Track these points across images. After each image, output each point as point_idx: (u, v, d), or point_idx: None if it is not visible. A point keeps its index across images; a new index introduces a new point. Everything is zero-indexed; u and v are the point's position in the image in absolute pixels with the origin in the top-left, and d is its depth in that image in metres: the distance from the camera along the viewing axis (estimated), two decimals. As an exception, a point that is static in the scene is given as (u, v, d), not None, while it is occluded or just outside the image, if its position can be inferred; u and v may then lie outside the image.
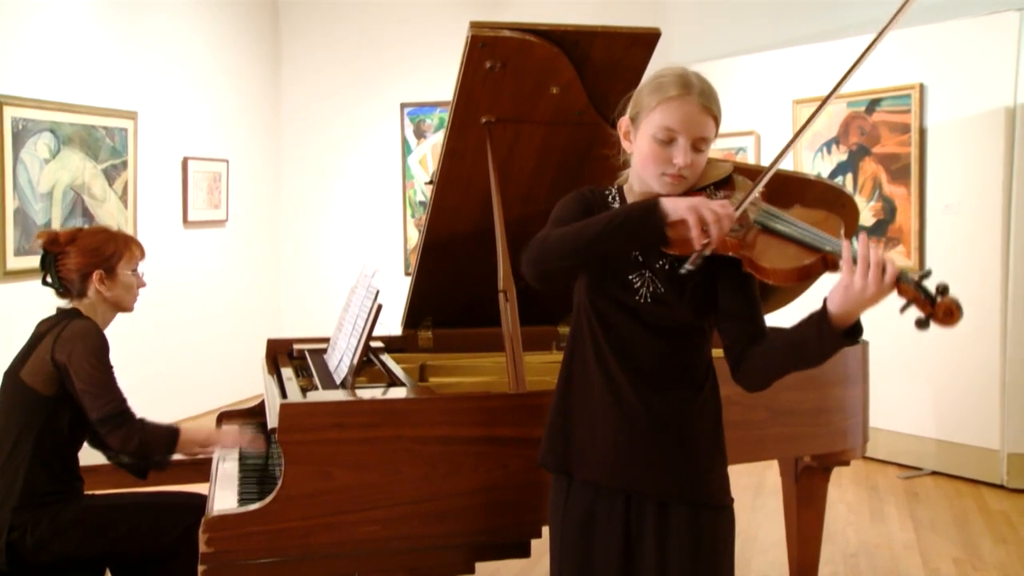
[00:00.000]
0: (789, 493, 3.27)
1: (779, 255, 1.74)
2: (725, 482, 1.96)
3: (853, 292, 1.62)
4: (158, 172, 6.08)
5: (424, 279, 3.14)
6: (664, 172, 1.85)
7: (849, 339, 1.68)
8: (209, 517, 2.10)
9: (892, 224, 5.38)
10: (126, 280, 2.77)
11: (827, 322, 1.66)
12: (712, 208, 1.70)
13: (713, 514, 1.91)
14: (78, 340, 2.60)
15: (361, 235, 7.50)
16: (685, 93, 1.83)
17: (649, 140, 1.85)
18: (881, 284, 1.59)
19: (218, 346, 6.64)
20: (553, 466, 2.01)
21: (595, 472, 1.93)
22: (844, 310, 1.64)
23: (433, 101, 7.19)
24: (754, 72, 6.04)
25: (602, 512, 1.92)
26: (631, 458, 1.89)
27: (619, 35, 2.55)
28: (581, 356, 1.98)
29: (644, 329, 1.89)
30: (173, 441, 2.70)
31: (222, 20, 6.85)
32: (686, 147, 1.83)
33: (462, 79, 2.56)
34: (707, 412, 1.95)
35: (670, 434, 1.89)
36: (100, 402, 2.57)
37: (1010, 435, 4.93)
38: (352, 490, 2.16)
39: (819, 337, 1.68)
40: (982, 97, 5.00)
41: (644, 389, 1.89)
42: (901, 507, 4.71)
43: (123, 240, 2.80)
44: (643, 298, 1.88)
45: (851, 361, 2.99)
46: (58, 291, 2.76)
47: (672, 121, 1.83)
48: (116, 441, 2.60)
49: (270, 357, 3.28)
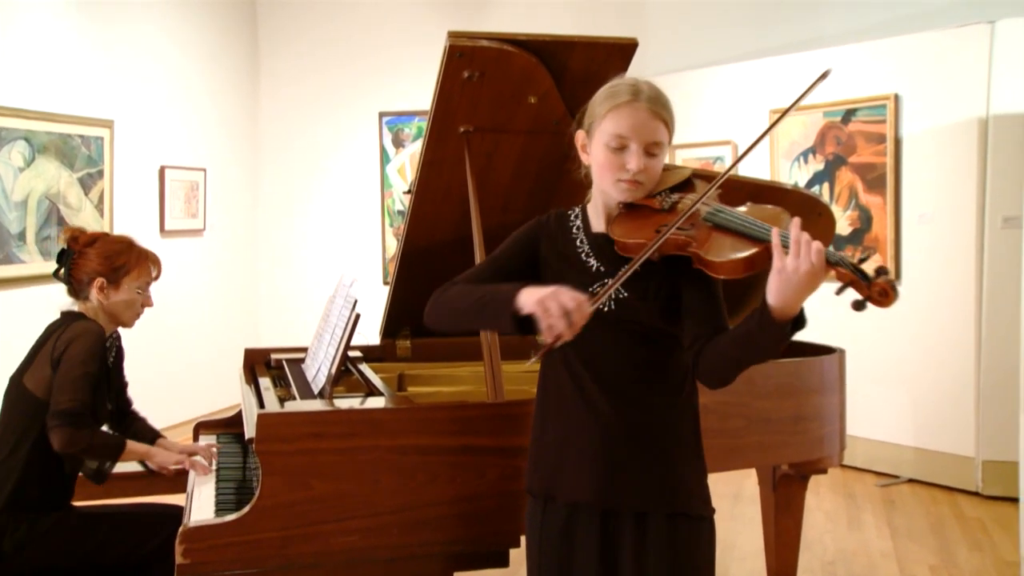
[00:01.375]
0: (767, 501, 3.29)
1: (725, 248, 1.74)
2: (705, 492, 1.95)
3: (786, 275, 1.61)
4: (135, 181, 6.04)
5: (402, 288, 3.13)
6: (619, 179, 1.86)
7: (792, 330, 1.66)
8: (186, 528, 2.09)
9: (868, 233, 5.42)
10: (128, 296, 2.76)
11: (767, 312, 1.64)
12: (562, 301, 1.67)
13: (692, 525, 1.90)
14: (77, 337, 2.61)
15: (339, 244, 7.48)
16: (633, 99, 1.85)
17: (602, 149, 1.87)
18: (810, 261, 1.58)
19: (195, 356, 6.59)
20: (536, 492, 1.99)
21: (572, 492, 1.91)
22: (782, 297, 1.62)
23: (411, 110, 7.19)
24: (731, 82, 6.08)
25: (579, 528, 1.91)
26: (607, 472, 1.88)
27: (597, 45, 2.56)
28: (554, 372, 1.98)
29: (613, 338, 1.89)
30: (117, 454, 2.66)
31: (200, 28, 6.83)
32: (639, 152, 1.84)
33: (440, 88, 2.56)
34: (685, 420, 1.94)
35: (646, 444, 1.88)
36: (63, 396, 2.53)
37: (985, 443, 4.97)
38: (330, 500, 2.15)
39: (760, 327, 1.66)
40: (955, 107, 5.05)
41: (617, 400, 1.88)
42: (878, 515, 4.74)
43: (138, 256, 2.78)
44: (606, 306, 1.87)
45: (828, 369, 3.00)
46: (67, 288, 2.77)
47: (622, 127, 1.84)
48: (59, 439, 2.51)
49: (248, 367, 3.27)
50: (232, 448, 2.97)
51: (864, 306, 1.62)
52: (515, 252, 2.04)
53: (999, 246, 4.86)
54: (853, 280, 1.61)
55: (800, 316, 1.66)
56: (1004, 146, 4.84)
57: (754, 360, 1.78)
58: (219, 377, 6.39)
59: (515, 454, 2.26)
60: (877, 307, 1.61)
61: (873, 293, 1.59)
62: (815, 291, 1.62)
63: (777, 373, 2.87)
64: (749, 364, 1.79)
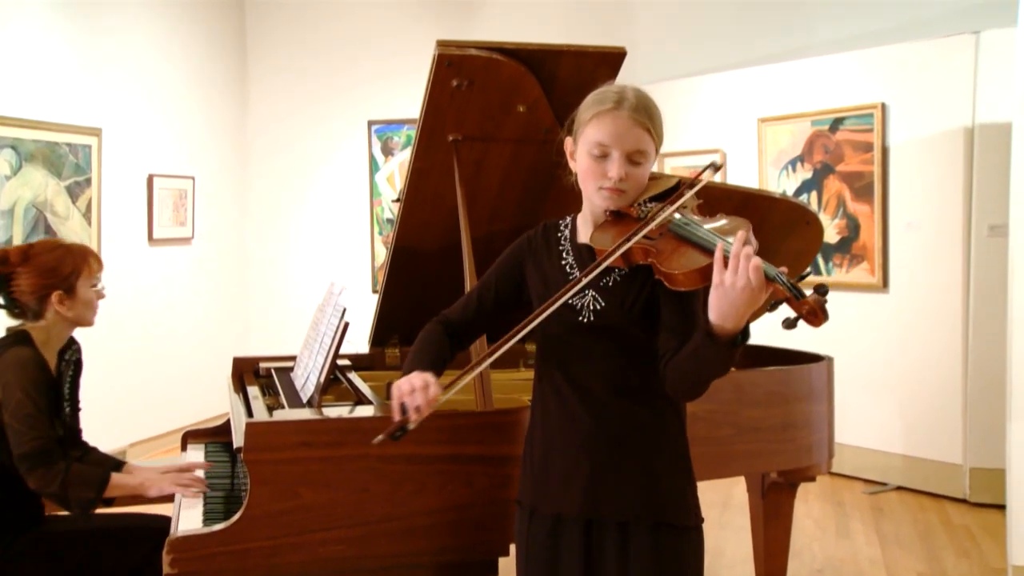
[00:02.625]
0: (756, 509, 3.29)
1: (683, 259, 1.74)
2: (691, 501, 1.93)
3: (723, 290, 1.58)
4: (123, 189, 6.03)
5: (391, 297, 3.13)
6: (601, 186, 1.86)
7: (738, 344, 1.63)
8: (173, 538, 2.08)
9: (856, 241, 5.44)
10: (86, 297, 2.63)
11: (708, 327, 1.62)
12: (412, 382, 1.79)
13: (677, 535, 1.88)
14: (11, 370, 2.46)
15: (328, 253, 7.47)
16: (616, 107, 1.84)
17: (586, 156, 1.87)
18: (747, 277, 1.54)
19: (184, 364, 6.57)
20: (523, 502, 2.00)
21: (555, 504, 1.92)
22: (720, 312, 1.59)
23: (400, 119, 7.19)
24: (719, 90, 6.10)
25: (563, 538, 1.91)
26: (589, 483, 1.88)
27: (585, 54, 2.57)
28: (540, 385, 1.99)
29: (594, 349, 1.89)
30: (102, 486, 2.49)
31: (188, 37, 6.82)
32: (620, 160, 1.83)
33: (429, 97, 2.56)
34: (669, 429, 1.93)
35: (628, 454, 1.88)
36: (24, 438, 2.41)
37: (972, 450, 4.99)
38: (318, 509, 2.15)
39: (704, 343, 1.64)
40: (942, 117, 5.08)
41: (598, 410, 1.88)
42: (867, 522, 4.75)
43: (80, 254, 2.64)
44: (585, 317, 1.88)
45: (816, 377, 3.01)
46: (11, 312, 2.62)
47: (604, 135, 1.84)
48: (34, 481, 2.42)
49: (236, 375, 3.26)
50: (220, 457, 2.95)
51: (795, 324, 1.59)
52: (500, 276, 2.07)
53: (985, 254, 4.89)
54: (787, 297, 1.59)
55: (744, 331, 1.64)
56: (990, 155, 4.87)
57: (708, 374, 1.73)
58: (207, 386, 6.36)
59: (504, 463, 2.26)
60: (808, 326, 1.58)
61: (803, 311, 1.56)
62: (755, 308, 1.58)
63: (766, 381, 2.88)
64: (706, 378, 1.75)
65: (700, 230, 1.78)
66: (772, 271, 1.59)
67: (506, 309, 2.07)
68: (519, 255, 2.05)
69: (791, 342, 3.28)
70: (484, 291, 2.09)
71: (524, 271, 2.03)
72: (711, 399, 2.67)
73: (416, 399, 1.76)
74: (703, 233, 1.76)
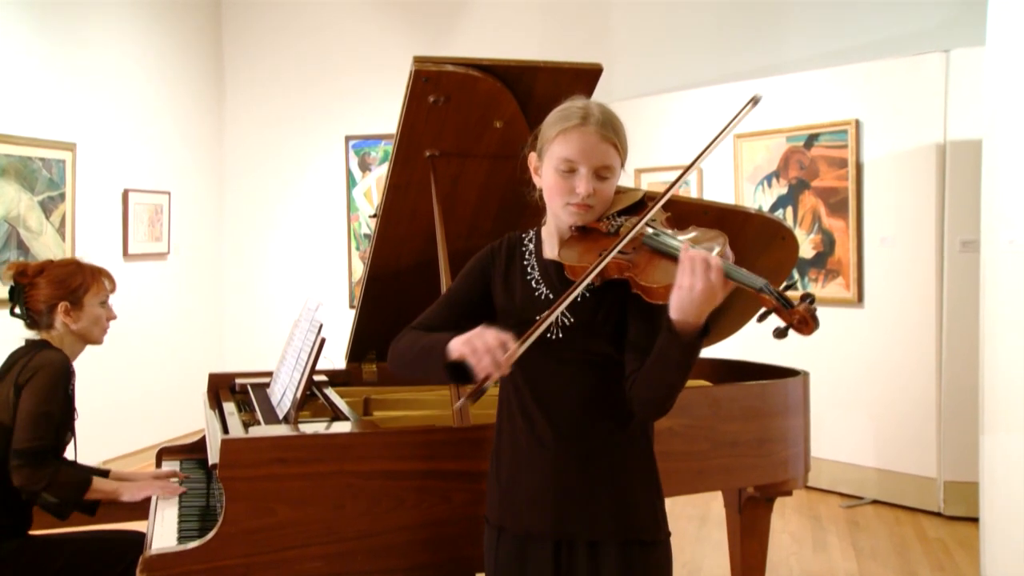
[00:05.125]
0: (733, 524, 3.30)
1: (660, 273, 1.74)
2: (658, 515, 1.93)
3: (683, 291, 1.60)
4: (98, 204, 5.99)
5: (368, 312, 3.12)
6: (569, 202, 1.86)
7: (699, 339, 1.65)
8: (147, 555, 2.06)
9: (832, 256, 5.48)
10: (93, 312, 2.77)
11: (670, 326, 1.64)
12: (487, 340, 1.68)
13: (646, 550, 1.88)
14: (42, 368, 2.59)
15: (305, 268, 7.45)
16: (582, 124, 1.84)
17: (552, 172, 1.87)
18: (706, 279, 1.58)
19: (159, 380, 6.52)
20: (492, 519, 1.99)
21: (522, 523, 1.91)
22: (681, 312, 1.62)
23: (378, 134, 7.19)
24: (695, 107, 6.14)
25: (532, 557, 1.89)
26: (557, 502, 1.87)
27: (562, 70, 2.58)
28: (506, 402, 1.98)
29: (562, 366, 1.88)
30: (82, 491, 2.60)
31: (164, 50, 6.80)
32: (587, 176, 1.83)
33: (405, 113, 2.56)
34: (635, 446, 1.92)
35: (595, 472, 1.87)
36: (25, 435, 2.52)
37: (946, 463, 5.03)
38: (294, 526, 2.13)
39: (668, 342, 1.66)
40: (914, 133, 5.14)
41: (564, 428, 1.87)
42: (843, 536, 4.77)
43: (91, 272, 2.79)
44: (554, 334, 1.86)
45: (792, 392, 3.03)
46: (27, 323, 2.75)
47: (570, 151, 1.84)
48: (21, 479, 2.51)
49: (212, 391, 3.23)
50: (196, 474, 2.93)
51: (785, 333, 1.62)
52: (467, 286, 2.04)
53: (958, 269, 4.94)
54: (776, 307, 1.61)
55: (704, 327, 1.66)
56: (961, 171, 4.93)
57: (673, 378, 1.73)
58: (183, 402, 6.32)
59: (481, 479, 2.25)
60: (799, 335, 1.61)
61: (793, 320, 1.59)
62: (714, 305, 1.61)
63: (742, 396, 2.89)
64: (671, 382, 1.74)
65: (674, 241, 1.78)
66: (759, 282, 1.62)
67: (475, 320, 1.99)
68: (484, 267, 2.03)
69: (767, 357, 3.31)
70: (453, 302, 2.06)
71: (490, 283, 2.01)
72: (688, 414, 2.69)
73: (497, 356, 1.67)
74: (677, 244, 1.76)
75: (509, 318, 1.91)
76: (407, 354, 1.96)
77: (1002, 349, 3.76)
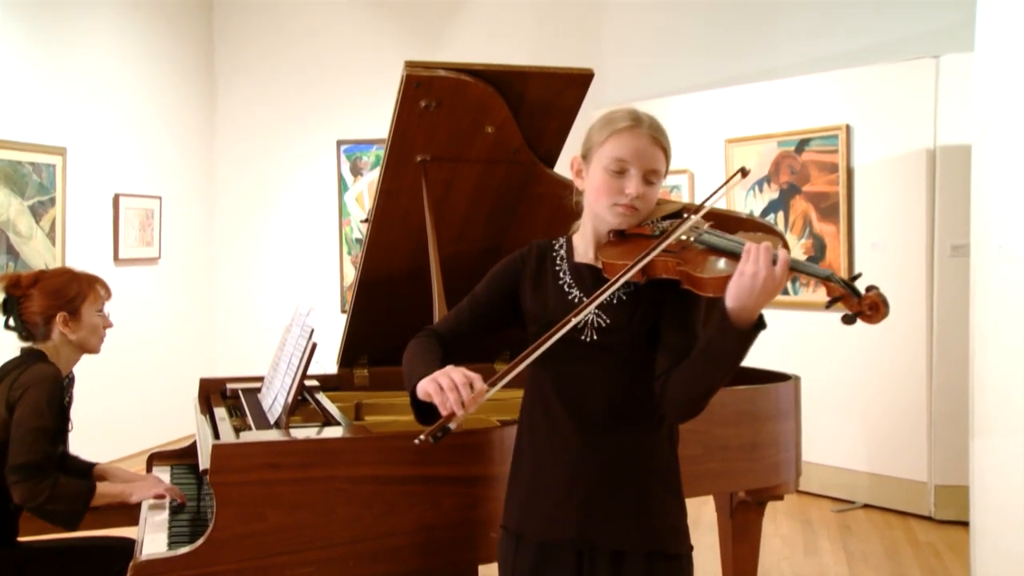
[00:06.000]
0: (724, 528, 3.30)
1: (715, 265, 1.74)
2: (684, 528, 1.90)
3: (744, 280, 1.61)
4: (88, 209, 5.97)
5: (360, 317, 3.12)
6: (616, 203, 1.85)
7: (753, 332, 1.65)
8: (138, 562, 2.05)
9: (823, 261, 5.49)
10: (91, 321, 2.73)
11: (726, 317, 1.63)
12: (453, 378, 1.67)
13: (670, 563, 1.85)
14: (33, 384, 2.54)
15: (297, 272, 7.43)
16: (635, 126, 1.86)
17: (601, 172, 1.86)
18: (768, 267, 1.60)
19: (150, 386, 6.50)
20: (510, 528, 1.95)
21: (544, 531, 1.87)
22: (739, 301, 1.62)
23: (369, 139, 7.19)
24: (687, 112, 6.16)
25: (552, 566, 1.85)
26: (581, 509, 1.83)
27: (553, 76, 2.59)
28: (529, 404, 1.95)
29: (596, 369, 1.85)
30: (88, 497, 2.54)
31: (155, 55, 6.79)
32: (638, 178, 1.84)
33: (397, 118, 2.56)
34: (662, 453, 1.89)
35: (622, 479, 1.84)
36: (21, 449, 2.46)
37: (937, 468, 5.04)
38: (286, 531, 2.13)
39: (721, 332, 1.65)
40: (905, 139, 5.16)
41: (591, 432, 1.84)
42: (834, 540, 4.77)
43: (87, 281, 2.74)
44: (588, 336, 1.84)
45: (784, 396, 3.03)
46: (21, 335, 2.70)
47: (623, 152, 1.84)
48: (21, 493, 2.45)
49: (203, 396, 3.23)
50: (187, 479, 2.92)
51: (854, 320, 1.66)
52: (493, 290, 2.01)
53: (948, 274, 4.96)
54: (843, 295, 1.65)
55: (759, 320, 1.65)
56: (951, 176, 4.95)
57: (718, 372, 1.71)
58: (174, 407, 6.29)
59: (472, 483, 2.25)
60: (867, 323, 1.66)
61: (863, 307, 1.64)
62: (772, 299, 1.62)
63: (734, 400, 2.89)
64: (714, 380, 1.72)
65: (726, 238, 1.79)
66: (824, 272, 1.66)
67: (498, 326, 2.02)
68: (513, 272, 2.00)
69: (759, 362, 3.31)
70: (476, 306, 2.02)
71: (519, 288, 1.98)
72: (679, 418, 2.69)
73: (462, 395, 1.66)
74: (730, 239, 1.77)
75: (540, 322, 1.89)
76: (405, 366, 1.91)
77: (992, 353, 3.77)
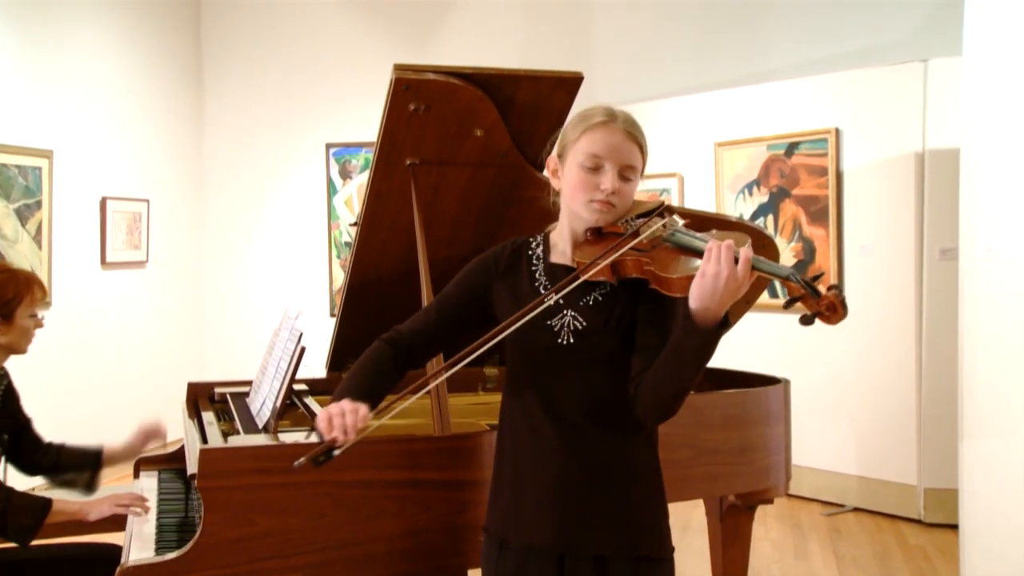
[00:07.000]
0: (714, 532, 3.29)
1: (681, 265, 1.73)
2: (666, 532, 1.89)
3: (706, 280, 1.59)
4: (75, 212, 5.94)
5: (349, 320, 3.11)
6: (592, 199, 1.83)
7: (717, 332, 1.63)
8: (124, 567, 2.03)
9: (812, 264, 5.50)
10: (23, 325, 2.57)
11: (689, 317, 1.62)
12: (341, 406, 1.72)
13: (653, 567, 1.84)
14: None
15: (286, 276, 7.41)
16: (609, 121, 1.85)
17: (576, 169, 1.84)
18: (730, 267, 1.58)
19: (137, 390, 6.46)
20: (493, 532, 1.93)
21: (526, 535, 1.85)
22: (700, 301, 1.60)
23: (358, 142, 7.18)
24: (677, 115, 6.16)
25: (534, 571, 1.84)
26: (563, 514, 1.82)
27: (542, 79, 2.58)
28: (509, 407, 1.93)
29: (572, 373, 1.83)
30: (43, 514, 2.43)
31: (142, 57, 6.77)
32: (613, 173, 1.82)
33: (386, 121, 2.56)
34: (644, 457, 1.88)
35: (606, 484, 1.82)
36: None
37: (927, 471, 5.05)
38: (274, 536, 2.11)
39: (685, 332, 1.63)
40: (893, 142, 5.18)
41: (572, 436, 1.82)
42: (824, 543, 4.78)
43: (24, 282, 2.59)
44: (564, 339, 1.83)
45: (773, 400, 3.03)
46: None
47: (597, 148, 1.83)
48: None
49: (191, 401, 3.22)
50: (174, 484, 2.91)
51: (812, 321, 1.64)
52: (461, 291, 2.00)
53: (937, 277, 4.97)
54: (803, 295, 1.62)
55: (724, 319, 1.63)
56: (940, 180, 4.96)
57: (686, 372, 1.68)
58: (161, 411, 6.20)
59: (462, 487, 2.25)
60: (826, 324, 1.63)
61: (821, 307, 1.61)
62: (736, 298, 1.60)
63: (724, 404, 2.89)
64: (683, 381, 1.70)
65: (696, 237, 1.77)
66: (785, 271, 1.63)
67: (466, 327, 1.99)
68: (485, 271, 1.98)
69: (748, 365, 3.31)
70: (444, 306, 2.01)
71: (490, 289, 1.96)
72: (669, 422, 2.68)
73: (346, 420, 1.69)
74: (699, 239, 1.75)
75: None
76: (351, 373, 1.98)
77: (981, 356, 3.78)
